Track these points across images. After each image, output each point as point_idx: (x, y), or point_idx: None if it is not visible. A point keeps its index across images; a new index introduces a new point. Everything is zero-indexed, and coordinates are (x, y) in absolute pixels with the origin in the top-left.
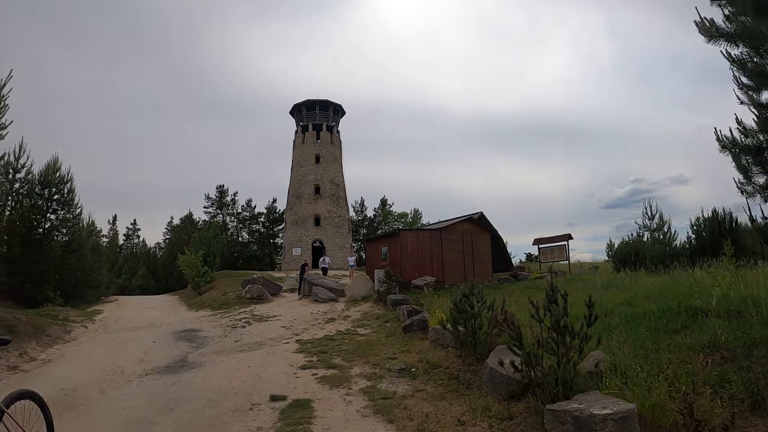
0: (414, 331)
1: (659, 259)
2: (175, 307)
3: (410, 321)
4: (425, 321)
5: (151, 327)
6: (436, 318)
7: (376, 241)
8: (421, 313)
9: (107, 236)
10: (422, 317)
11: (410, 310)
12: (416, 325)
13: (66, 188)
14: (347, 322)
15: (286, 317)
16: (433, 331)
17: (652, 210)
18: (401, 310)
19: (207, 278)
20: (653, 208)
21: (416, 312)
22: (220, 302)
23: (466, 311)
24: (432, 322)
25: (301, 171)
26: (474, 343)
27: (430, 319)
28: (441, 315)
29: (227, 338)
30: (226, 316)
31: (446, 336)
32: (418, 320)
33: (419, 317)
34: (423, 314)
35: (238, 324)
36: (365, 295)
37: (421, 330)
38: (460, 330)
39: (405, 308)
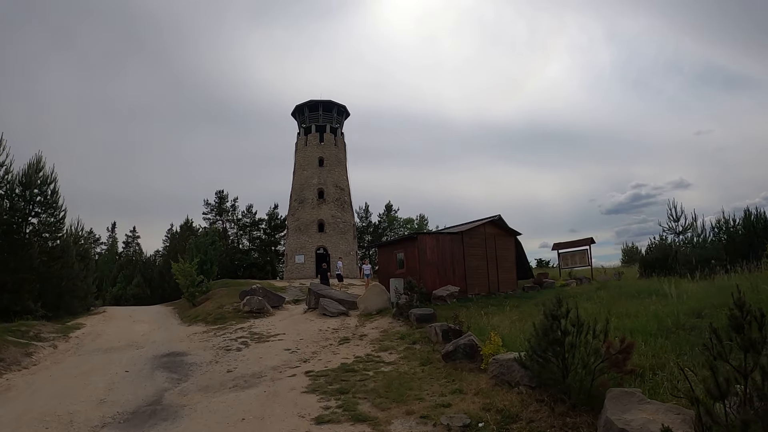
0: (459, 359)
1: (695, 263)
2: (167, 320)
3: (453, 346)
4: (474, 347)
5: (132, 348)
6: (494, 344)
7: (390, 246)
8: (466, 336)
9: (106, 244)
10: (469, 341)
11: (446, 329)
12: (462, 351)
13: (49, 189)
14: (365, 344)
15: (290, 336)
16: (496, 363)
17: (677, 211)
18: (433, 330)
19: (202, 288)
20: (678, 209)
21: (455, 332)
22: (216, 316)
23: (559, 339)
24: (486, 348)
25: (304, 174)
26: (571, 386)
27: (482, 345)
28: (497, 339)
29: (218, 366)
30: (220, 334)
31: (514, 370)
32: (465, 345)
33: (465, 341)
34: (469, 337)
35: (233, 345)
36: (381, 308)
37: (468, 359)
38: (549, 365)
39: (438, 327)
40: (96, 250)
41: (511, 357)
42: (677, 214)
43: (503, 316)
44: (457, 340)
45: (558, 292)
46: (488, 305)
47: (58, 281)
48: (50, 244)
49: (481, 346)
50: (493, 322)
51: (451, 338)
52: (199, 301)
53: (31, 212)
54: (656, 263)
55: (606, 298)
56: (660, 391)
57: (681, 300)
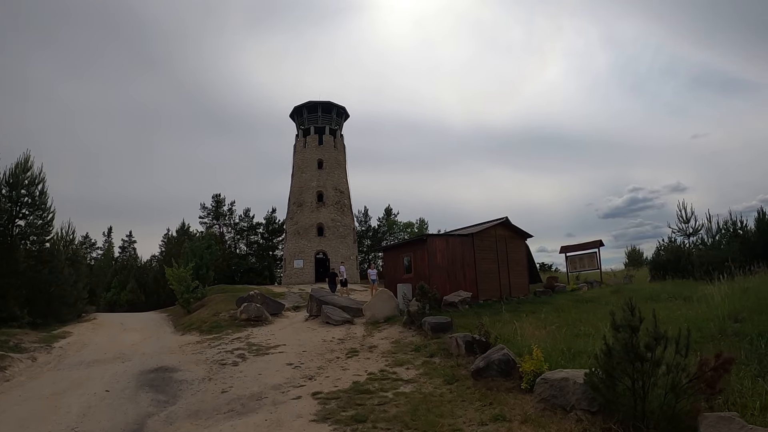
0: (492, 377)
1: (710, 264)
2: (160, 328)
3: (485, 362)
4: (510, 363)
5: (118, 360)
6: (535, 359)
7: (396, 249)
8: (499, 350)
9: (102, 248)
10: (504, 357)
11: (469, 340)
12: (496, 368)
13: (37, 190)
14: (376, 357)
15: (291, 347)
16: (545, 384)
17: (686, 212)
18: (454, 341)
19: (198, 294)
20: (688, 210)
21: (481, 344)
22: (211, 324)
23: (642, 355)
24: (527, 364)
25: (303, 177)
26: (648, 411)
27: (522, 361)
28: (538, 354)
29: (212, 385)
30: (215, 345)
31: (568, 392)
32: (500, 361)
33: (500, 357)
34: (503, 351)
35: (229, 359)
36: (388, 316)
37: (503, 376)
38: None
39: (460, 338)
40: (92, 255)
41: (563, 376)
42: (687, 216)
43: (525, 324)
44: (488, 354)
45: (574, 297)
46: (503, 312)
47: (46, 286)
48: (38, 247)
49: (518, 362)
50: (524, 333)
51: (476, 351)
52: (194, 307)
53: (18, 214)
54: (668, 265)
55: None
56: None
57: (709, 303)
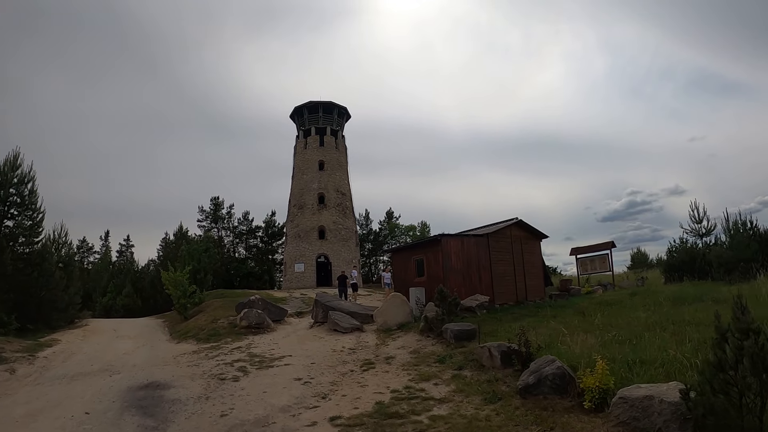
0: (545, 394)
1: (728, 265)
2: (154, 335)
3: (535, 378)
4: (566, 377)
5: (105, 373)
6: (599, 373)
7: (407, 251)
8: (550, 362)
9: (99, 253)
10: (559, 370)
11: (505, 350)
12: (550, 383)
13: (26, 189)
14: (396, 369)
15: (298, 359)
16: (624, 404)
17: (699, 213)
18: (486, 352)
19: (195, 299)
20: (701, 210)
21: (520, 355)
22: (209, 332)
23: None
24: (589, 380)
25: (304, 179)
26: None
27: (581, 375)
28: (602, 367)
29: (209, 405)
30: (213, 355)
31: (653, 413)
32: (555, 376)
33: (554, 370)
34: (555, 363)
35: (229, 372)
36: (402, 323)
37: (559, 393)
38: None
39: (495, 348)
40: (89, 259)
41: (645, 393)
42: (700, 216)
43: (553, 330)
44: (537, 368)
45: (589, 299)
46: (523, 316)
47: (36, 291)
48: (27, 249)
49: (576, 377)
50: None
51: (514, 363)
52: (192, 313)
53: (6, 214)
54: (683, 267)
55: (650, 305)
56: None
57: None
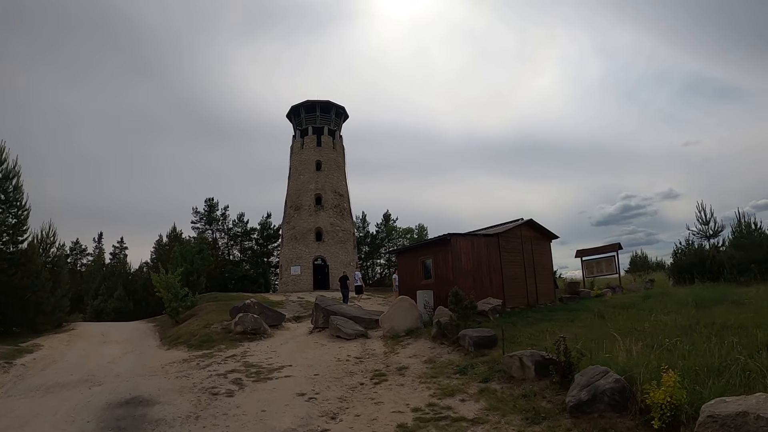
0: (601, 412)
1: (742, 266)
2: (144, 340)
3: (589, 393)
4: (626, 391)
5: (85, 385)
6: (668, 387)
7: (414, 252)
8: (602, 373)
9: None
10: (618, 384)
11: (539, 360)
12: (608, 400)
13: (11, 185)
14: (412, 382)
15: (299, 369)
16: (713, 423)
17: (706, 214)
18: (518, 361)
19: (187, 302)
20: (708, 211)
21: (559, 366)
22: (201, 337)
23: None
24: (656, 394)
25: (300, 179)
26: None
27: (647, 389)
28: (671, 379)
29: (198, 427)
30: (205, 364)
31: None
32: (612, 390)
33: (611, 384)
34: (609, 375)
35: (222, 385)
36: (410, 328)
37: (617, 411)
38: None
39: (527, 357)
40: (82, 261)
41: (738, 409)
42: (707, 217)
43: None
44: (590, 381)
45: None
46: (538, 320)
47: (20, 292)
48: (11, 248)
49: (642, 391)
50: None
51: (552, 374)
52: (184, 317)
53: None
54: (692, 268)
55: (669, 308)
56: None
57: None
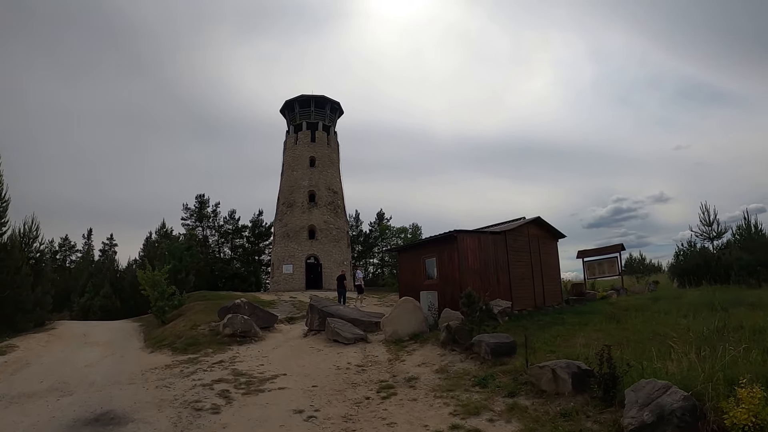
0: None
1: (750, 268)
2: (127, 342)
3: (654, 414)
4: (696, 412)
5: (53, 395)
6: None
7: (416, 250)
8: (663, 388)
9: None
10: (687, 402)
11: (576, 372)
12: (677, 421)
13: None
14: (426, 396)
15: (295, 379)
16: None
17: (710, 215)
18: (550, 373)
19: (174, 302)
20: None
21: (604, 378)
22: (187, 340)
23: None
24: (738, 412)
25: (293, 175)
26: None
27: (727, 407)
28: (755, 396)
29: None
30: (189, 372)
31: None
32: (682, 410)
33: (680, 402)
34: (674, 391)
35: (207, 398)
36: (415, 332)
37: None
38: None
39: (562, 368)
40: (71, 258)
41: None
42: (710, 219)
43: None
44: (651, 398)
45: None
46: (550, 324)
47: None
48: None
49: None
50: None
51: (593, 388)
52: (170, 317)
53: None
54: (698, 270)
55: (685, 310)
56: None
57: None
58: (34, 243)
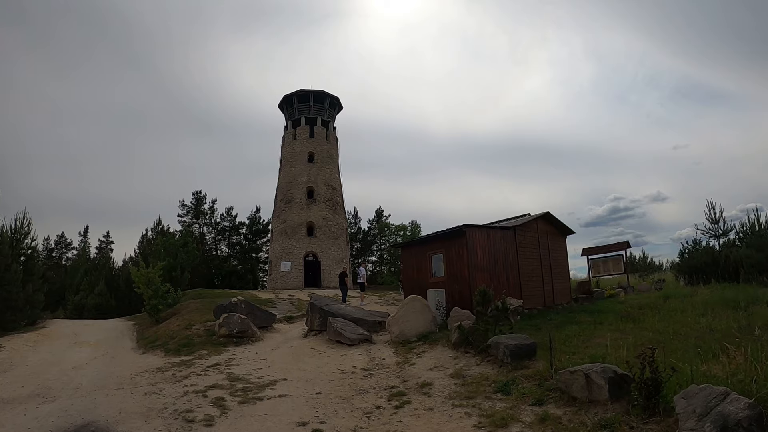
0: None
1: (761, 266)
2: (119, 342)
3: (717, 427)
4: (763, 419)
5: (33, 402)
6: None
7: (421, 246)
8: (721, 394)
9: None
10: (753, 410)
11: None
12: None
13: None
14: (444, 405)
15: (296, 385)
16: None
17: (716, 212)
18: (583, 378)
19: (169, 300)
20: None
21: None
22: (180, 341)
23: None
24: None
25: (292, 171)
26: None
27: None
28: None
29: None
30: (181, 376)
31: None
32: (749, 420)
33: (745, 412)
34: (735, 398)
35: (200, 407)
36: (423, 333)
37: None
38: None
39: (597, 373)
40: (68, 255)
41: None
42: (717, 216)
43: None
44: (709, 407)
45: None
46: (563, 323)
47: None
48: None
49: None
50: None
51: (632, 394)
52: (164, 316)
53: None
54: (706, 268)
55: (700, 309)
56: None
57: None
58: (25, 239)
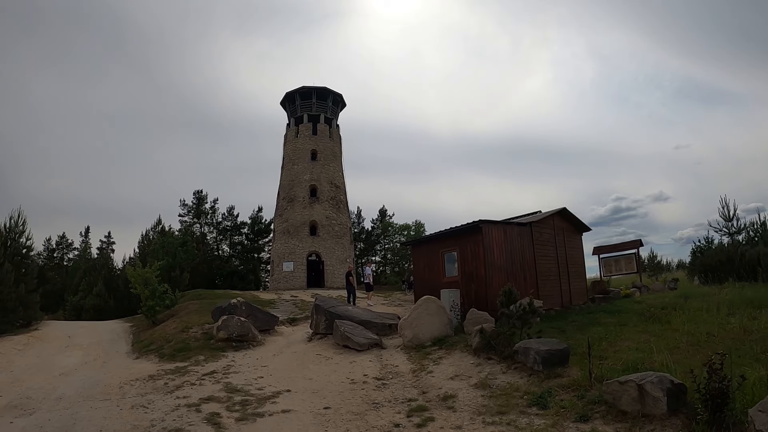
0: None
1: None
2: (113, 345)
3: None
4: None
5: (8, 415)
6: None
7: (433, 244)
8: None
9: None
10: None
11: (671, 389)
12: None
13: None
14: (472, 422)
15: (302, 397)
16: None
17: (729, 210)
18: (636, 390)
19: (166, 301)
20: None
21: (713, 397)
22: (176, 345)
23: None
24: None
25: (294, 169)
26: None
27: None
28: None
29: None
30: (174, 386)
31: None
32: None
33: None
34: None
35: (192, 427)
36: (438, 336)
37: None
38: None
39: (653, 383)
40: (69, 256)
41: None
42: (730, 214)
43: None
44: None
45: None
46: (585, 325)
47: None
48: None
49: None
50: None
51: (697, 409)
52: (162, 317)
53: None
54: (721, 267)
55: (726, 309)
56: None
57: None
58: (20, 238)
